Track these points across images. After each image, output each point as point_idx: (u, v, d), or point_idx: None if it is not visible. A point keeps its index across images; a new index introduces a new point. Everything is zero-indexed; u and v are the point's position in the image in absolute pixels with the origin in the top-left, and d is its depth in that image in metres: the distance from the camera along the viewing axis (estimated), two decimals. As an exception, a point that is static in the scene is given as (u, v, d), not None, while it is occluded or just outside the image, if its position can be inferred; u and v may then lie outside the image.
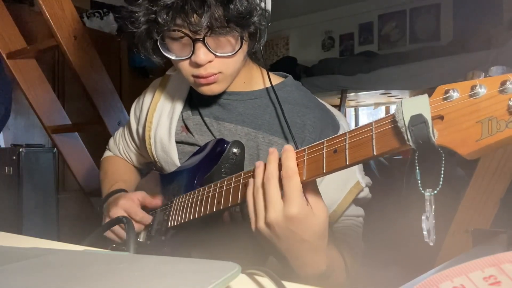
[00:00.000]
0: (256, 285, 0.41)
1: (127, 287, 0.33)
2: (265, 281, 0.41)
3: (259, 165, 0.57)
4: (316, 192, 0.56)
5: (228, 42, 0.70)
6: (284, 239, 0.54)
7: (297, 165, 0.53)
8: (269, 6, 0.73)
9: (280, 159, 0.55)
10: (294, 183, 0.52)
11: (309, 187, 0.55)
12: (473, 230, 0.69)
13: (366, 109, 4.82)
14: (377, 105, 4.34)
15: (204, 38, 0.67)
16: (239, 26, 0.67)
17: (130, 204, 0.79)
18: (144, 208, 0.82)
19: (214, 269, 0.35)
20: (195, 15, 0.65)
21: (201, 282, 0.32)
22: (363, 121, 4.85)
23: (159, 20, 0.66)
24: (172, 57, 0.73)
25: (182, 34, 0.68)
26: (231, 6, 0.64)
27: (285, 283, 0.37)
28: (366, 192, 0.82)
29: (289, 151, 0.54)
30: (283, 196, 0.53)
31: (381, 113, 4.80)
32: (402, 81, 3.10)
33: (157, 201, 0.82)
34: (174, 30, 0.68)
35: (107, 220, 0.78)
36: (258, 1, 0.69)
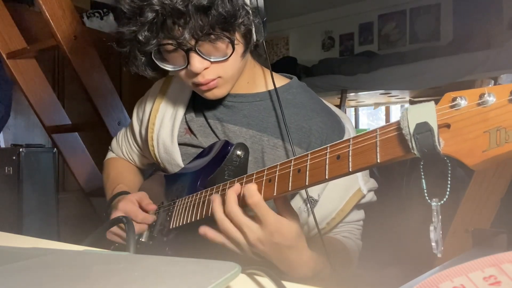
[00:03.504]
0: (256, 285, 0.41)
1: (127, 287, 0.33)
2: (265, 281, 0.41)
3: (215, 199, 0.62)
4: (287, 202, 0.60)
5: (220, 47, 0.69)
6: (270, 252, 0.59)
7: (300, 170, 0.53)
8: (261, 2, 0.70)
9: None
10: (262, 207, 0.56)
11: (280, 199, 0.59)
12: (473, 230, 0.69)
13: (366, 109, 4.82)
14: (377, 105, 4.35)
15: (195, 47, 0.67)
16: (225, 30, 0.66)
17: (130, 206, 0.79)
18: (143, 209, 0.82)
19: (214, 269, 0.35)
20: (179, 28, 0.64)
21: (201, 282, 0.32)
22: (363, 121, 4.85)
23: (140, 38, 0.66)
24: (169, 69, 0.73)
25: (173, 47, 0.68)
26: (213, 12, 0.63)
27: (285, 283, 0.37)
28: (369, 197, 0.81)
29: (251, 185, 0.58)
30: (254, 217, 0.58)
31: (381, 113, 4.80)
32: (402, 81, 3.10)
33: (152, 206, 0.81)
34: (164, 44, 0.67)
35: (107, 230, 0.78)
36: (246, 1, 0.67)
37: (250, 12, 0.67)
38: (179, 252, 0.76)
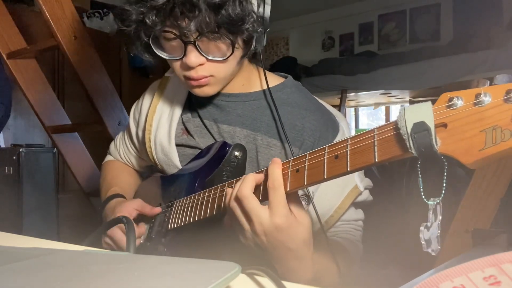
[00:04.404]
0: (256, 285, 0.41)
1: (127, 287, 0.33)
2: (265, 281, 0.41)
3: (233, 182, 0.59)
4: (298, 201, 0.58)
5: (220, 47, 0.69)
6: (270, 248, 0.57)
7: (298, 170, 0.53)
8: (267, 13, 0.71)
9: (266, 170, 0.57)
10: (279, 194, 0.54)
11: (292, 197, 0.57)
12: (473, 230, 0.69)
13: (366, 109, 4.82)
14: (377, 105, 4.35)
15: (195, 41, 0.67)
16: (230, 32, 0.66)
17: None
18: (143, 216, 0.82)
19: (214, 269, 0.35)
20: (185, 19, 0.64)
21: (201, 282, 0.32)
22: (363, 121, 4.85)
23: (147, 21, 0.66)
24: (164, 56, 0.73)
25: (174, 36, 0.68)
26: (223, 12, 0.63)
27: (285, 283, 0.37)
28: (365, 195, 0.81)
29: (276, 163, 0.56)
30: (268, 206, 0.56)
31: (381, 113, 4.81)
32: (402, 81, 3.10)
33: (156, 210, 0.81)
34: (165, 31, 0.68)
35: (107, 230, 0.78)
36: (255, 8, 0.68)
37: (257, 20, 0.68)
38: (177, 253, 0.76)
